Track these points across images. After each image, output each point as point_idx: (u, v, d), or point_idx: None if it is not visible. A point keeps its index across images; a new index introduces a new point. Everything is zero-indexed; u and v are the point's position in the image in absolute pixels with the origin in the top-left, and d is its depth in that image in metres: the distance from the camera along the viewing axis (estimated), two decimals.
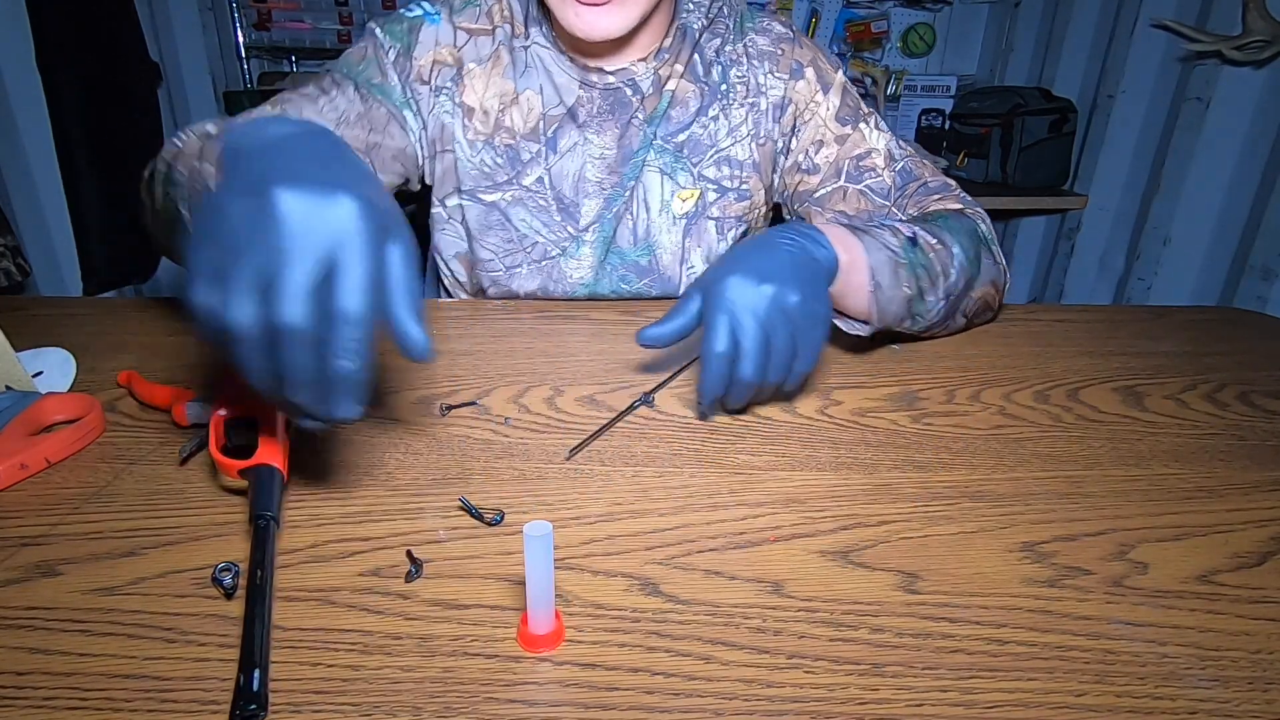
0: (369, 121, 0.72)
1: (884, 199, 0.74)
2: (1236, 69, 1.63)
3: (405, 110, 0.74)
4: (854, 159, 0.75)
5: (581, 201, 0.77)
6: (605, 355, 0.66)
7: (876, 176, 0.75)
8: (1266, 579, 0.40)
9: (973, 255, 0.65)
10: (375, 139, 0.72)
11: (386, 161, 0.74)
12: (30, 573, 0.38)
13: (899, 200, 0.74)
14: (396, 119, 0.73)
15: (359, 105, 0.71)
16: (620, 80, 0.75)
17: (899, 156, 0.76)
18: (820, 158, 0.76)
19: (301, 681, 0.32)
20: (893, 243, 0.59)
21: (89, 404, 0.52)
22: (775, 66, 0.76)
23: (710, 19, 0.77)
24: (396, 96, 0.73)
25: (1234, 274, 1.67)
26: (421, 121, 0.75)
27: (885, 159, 0.75)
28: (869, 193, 0.75)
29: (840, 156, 0.76)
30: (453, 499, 0.45)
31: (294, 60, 2.40)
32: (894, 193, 0.74)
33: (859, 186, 0.75)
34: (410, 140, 0.75)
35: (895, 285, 0.58)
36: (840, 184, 0.76)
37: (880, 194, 0.74)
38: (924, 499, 0.46)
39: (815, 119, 0.76)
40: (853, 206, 0.75)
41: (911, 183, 0.75)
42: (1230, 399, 0.61)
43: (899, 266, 0.58)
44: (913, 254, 0.60)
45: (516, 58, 0.75)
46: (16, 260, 1.60)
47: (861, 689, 0.32)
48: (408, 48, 0.74)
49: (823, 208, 0.77)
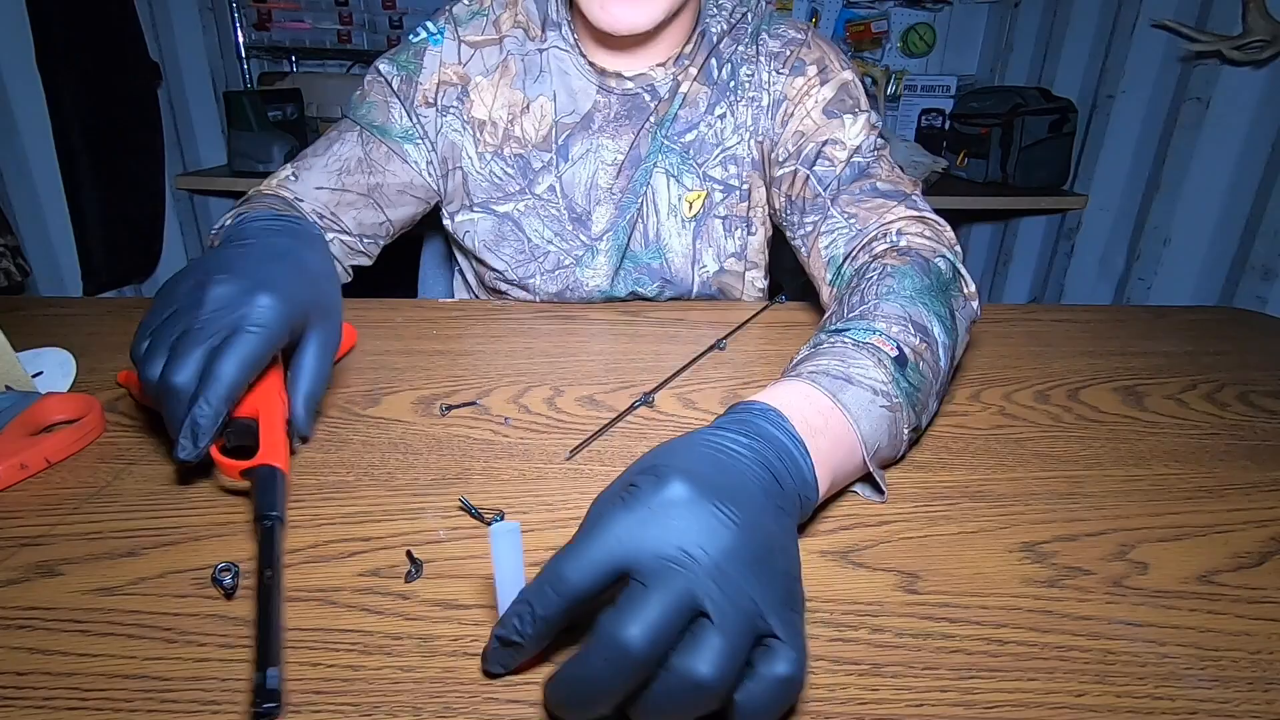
0: (369, 165, 0.74)
1: (822, 188, 0.69)
2: (1236, 69, 1.63)
3: (407, 144, 0.75)
4: (817, 144, 0.71)
5: (594, 209, 0.77)
6: (605, 355, 0.66)
7: (828, 166, 0.69)
8: (1266, 579, 0.40)
9: (949, 324, 0.52)
10: (376, 180, 0.75)
11: (392, 197, 0.76)
12: (30, 573, 0.38)
13: (834, 192, 0.68)
14: (397, 154, 0.75)
15: (359, 151, 0.74)
16: (639, 86, 0.75)
17: (865, 154, 0.69)
18: (794, 145, 0.73)
19: (301, 681, 0.32)
20: (878, 378, 0.44)
21: (89, 404, 0.52)
22: (780, 65, 0.75)
23: (732, 24, 0.76)
24: (396, 132, 0.75)
25: (1234, 274, 1.67)
26: (430, 145, 0.76)
27: (849, 153, 0.69)
28: (813, 178, 0.70)
29: (807, 141, 0.71)
30: (453, 499, 0.45)
31: (294, 60, 2.40)
32: (835, 184, 0.68)
33: (808, 170, 0.71)
34: (415, 172, 0.76)
35: (895, 436, 0.45)
36: (795, 166, 0.72)
37: (822, 182, 0.69)
38: (924, 499, 0.46)
39: (801, 110, 0.73)
40: (796, 190, 0.72)
41: (859, 180, 0.68)
42: (1230, 399, 0.61)
43: (895, 410, 0.45)
44: (903, 380, 0.46)
45: (529, 64, 0.75)
46: (16, 260, 1.60)
47: (861, 689, 0.32)
48: (412, 73, 0.75)
49: (778, 191, 0.74)
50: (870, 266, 0.58)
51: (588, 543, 0.29)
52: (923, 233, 0.62)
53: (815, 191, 0.69)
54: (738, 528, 0.29)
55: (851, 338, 0.47)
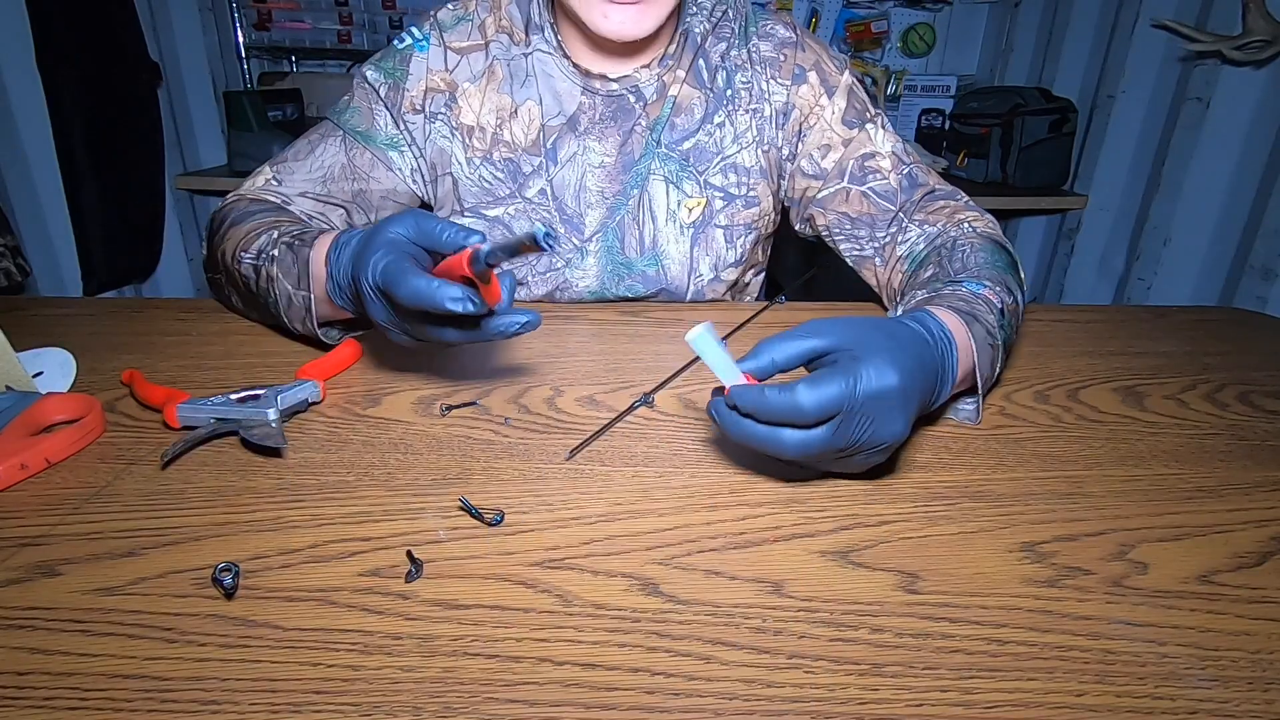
0: (353, 171, 0.75)
1: (889, 202, 0.73)
2: (1236, 69, 1.63)
3: (391, 151, 0.75)
4: (859, 159, 0.74)
5: (585, 211, 0.77)
6: (605, 355, 0.66)
7: (881, 179, 0.74)
8: (1266, 579, 0.40)
9: (1022, 294, 0.61)
10: (360, 186, 0.76)
11: (374, 203, 0.77)
12: (30, 573, 0.38)
13: (907, 206, 0.73)
14: (382, 161, 0.75)
15: (343, 157, 0.75)
16: (624, 87, 0.75)
17: (906, 160, 0.75)
18: (828, 162, 0.76)
19: (301, 681, 0.32)
20: (991, 323, 0.53)
21: (89, 404, 0.52)
22: (778, 73, 0.76)
23: (714, 23, 0.76)
24: (381, 139, 0.75)
25: (1234, 274, 1.67)
26: (417, 151, 0.76)
27: (892, 161, 0.74)
28: (871, 194, 0.74)
29: (845, 158, 0.75)
30: (453, 499, 0.45)
31: (294, 60, 2.40)
32: (899, 196, 0.73)
33: (862, 188, 0.74)
34: (399, 179, 0.77)
35: (991, 372, 0.53)
36: (843, 185, 0.75)
37: (885, 196, 0.73)
38: (924, 499, 0.46)
39: (821, 123, 0.75)
40: (855, 208, 0.75)
41: (919, 189, 0.73)
42: (1230, 399, 0.61)
43: (995, 351, 0.53)
44: (1003, 330, 0.54)
45: (515, 69, 0.75)
46: (16, 260, 1.60)
47: (861, 689, 0.32)
48: (398, 80, 0.75)
49: (824, 209, 0.76)
50: (959, 243, 0.65)
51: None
52: (988, 224, 0.70)
53: (882, 206, 0.74)
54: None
55: (969, 289, 0.56)
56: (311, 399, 0.55)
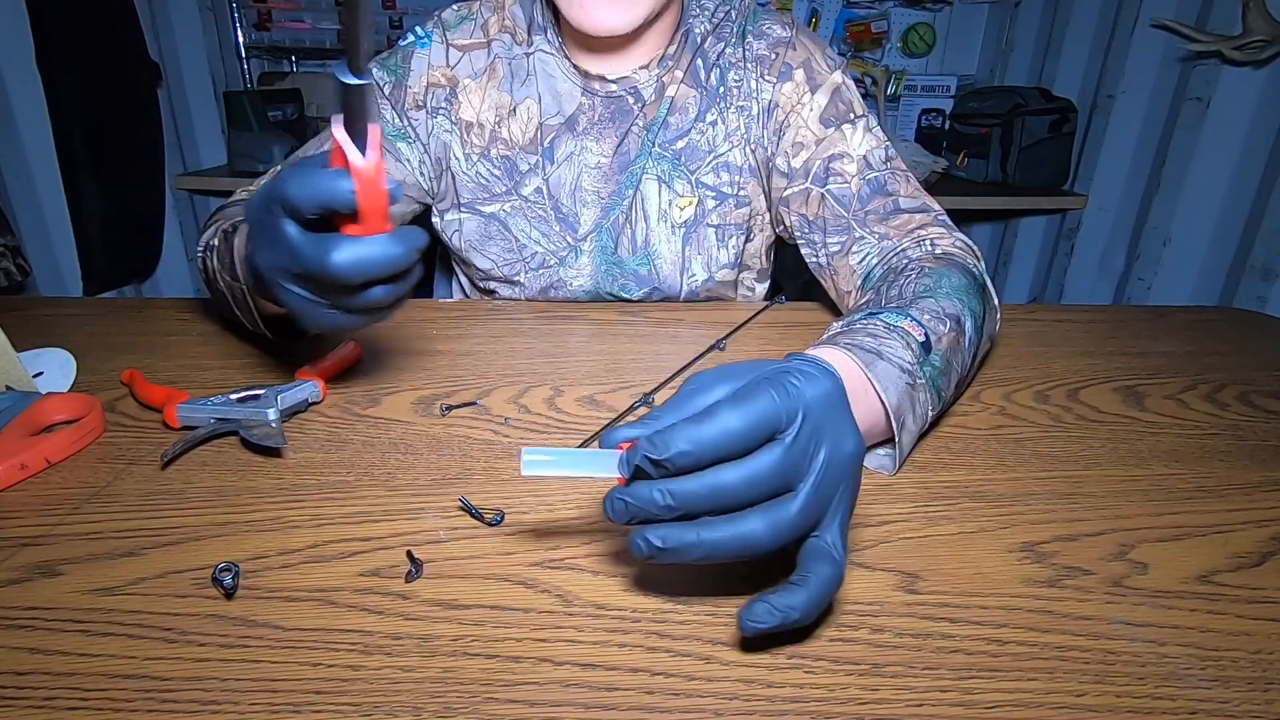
0: None
1: (842, 208, 0.69)
2: (1236, 69, 1.63)
3: (399, 142, 0.75)
4: (825, 160, 0.71)
5: (580, 211, 0.77)
6: (605, 355, 0.66)
7: (842, 182, 0.70)
8: (1266, 579, 0.40)
9: (980, 321, 0.55)
10: None
11: None
12: (30, 573, 0.38)
13: (858, 213, 0.68)
14: (390, 153, 0.75)
15: None
16: (622, 89, 0.75)
17: (876, 166, 0.70)
18: (797, 161, 0.73)
19: (301, 682, 0.32)
20: (905, 358, 0.47)
21: (89, 404, 0.52)
22: (768, 70, 0.74)
23: (715, 23, 0.76)
24: (388, 131, 0.75)
25: (1234, 274, 1.67)
26: (421, 146, 0.76)
27: (859, 166, 0.70)
28: (828, 197, 0.70)
29: (813, 157, 0.72)
30: (453, 499, 0.45)
31: (294, 60, 2.40)
32: (855, 203, 0.69)
33: (822, 189, 0.71)
34: (408, 170, 0.77)
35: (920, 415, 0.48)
36: (806, 184, 0.72)
37: (840, 201, 0.69)
38: (924, 499, 0.46)
39: (798, 120, 0.73)
40: (812, 211, 0.72)
41: (879, 196, 0.68)
42: (1230, 399, 0.61)
43: (915, 390, 0.46)
44: (930, 365, 0.48)
45: (515, 68, 0.75)
46: (16, 260, 1.60)
47: (861, 689, 0.32)
48: (401, 77, 0.75)
49: (789, 209, 0.74)
50: (908, 267, 0.60)
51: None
52: (955, 244, 0.64)
53: (835, 212, 0.70)
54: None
55: (884, 320, 0.49)
56: (311, 399, 0.55)
